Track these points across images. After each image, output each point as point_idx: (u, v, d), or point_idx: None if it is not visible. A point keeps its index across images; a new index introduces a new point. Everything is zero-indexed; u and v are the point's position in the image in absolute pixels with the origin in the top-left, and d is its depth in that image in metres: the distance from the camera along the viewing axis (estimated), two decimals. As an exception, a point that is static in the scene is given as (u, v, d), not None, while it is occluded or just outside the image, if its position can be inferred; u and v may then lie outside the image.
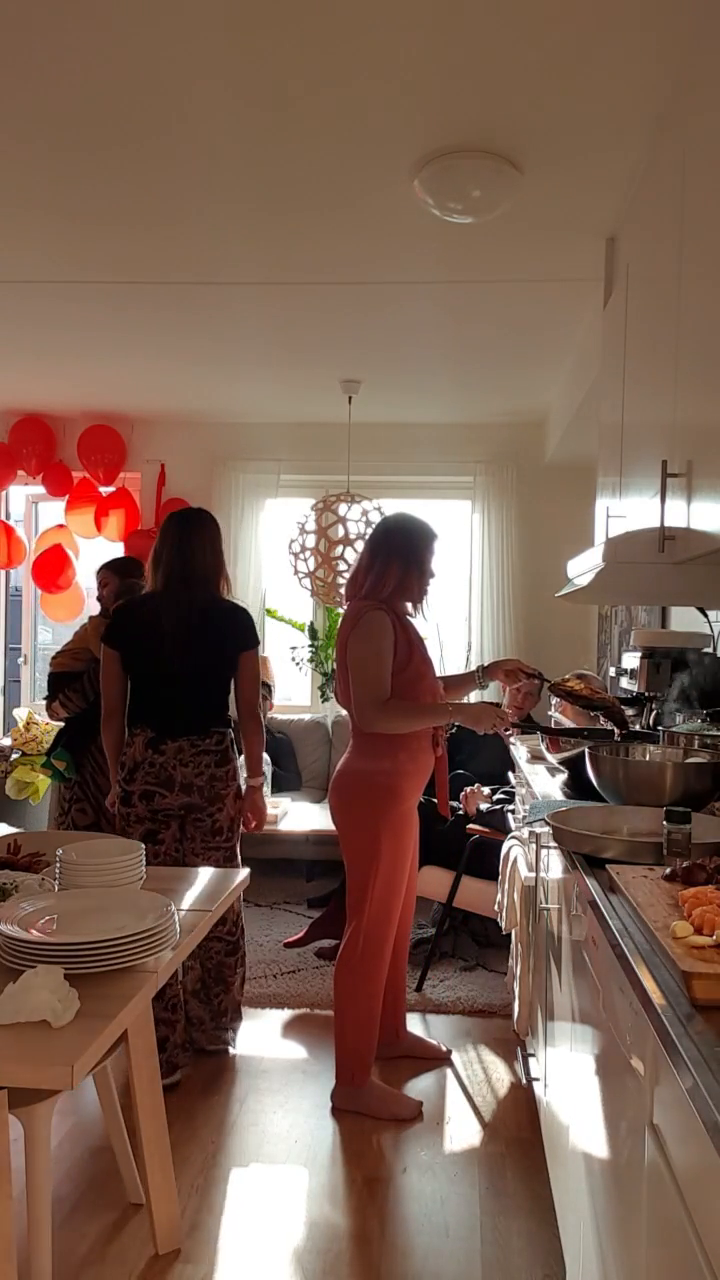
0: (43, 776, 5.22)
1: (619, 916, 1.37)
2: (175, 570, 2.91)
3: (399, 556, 2.78)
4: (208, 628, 2.88)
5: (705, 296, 1.74)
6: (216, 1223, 2.26)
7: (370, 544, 2.84)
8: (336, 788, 2.81)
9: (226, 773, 2.89)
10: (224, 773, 2.89)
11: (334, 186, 2.70)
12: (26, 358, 4.55)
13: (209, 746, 2.86)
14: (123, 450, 5.62)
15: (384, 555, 2.78)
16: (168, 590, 2.90)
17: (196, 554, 2.92)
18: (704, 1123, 0.84)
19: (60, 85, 2.23)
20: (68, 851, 1.95)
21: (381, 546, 2.80)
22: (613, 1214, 1.40)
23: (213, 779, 2.86)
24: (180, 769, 2.83)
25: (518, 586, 5.53)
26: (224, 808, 2.89)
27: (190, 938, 1.80)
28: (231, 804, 2.92)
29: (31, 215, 2.94)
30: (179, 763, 2.83)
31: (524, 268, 3.25)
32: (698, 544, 1.74)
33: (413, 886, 3.13)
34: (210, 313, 3.81)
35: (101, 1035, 1.38)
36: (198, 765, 2.84)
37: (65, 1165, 2.47)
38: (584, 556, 2.54)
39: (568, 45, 2.03)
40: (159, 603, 2.91)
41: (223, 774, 2.88)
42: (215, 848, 2.91)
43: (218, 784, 2.87)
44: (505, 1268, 2.12)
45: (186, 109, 2.32)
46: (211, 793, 2.86)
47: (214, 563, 2.97)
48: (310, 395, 5.02)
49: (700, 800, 1.95)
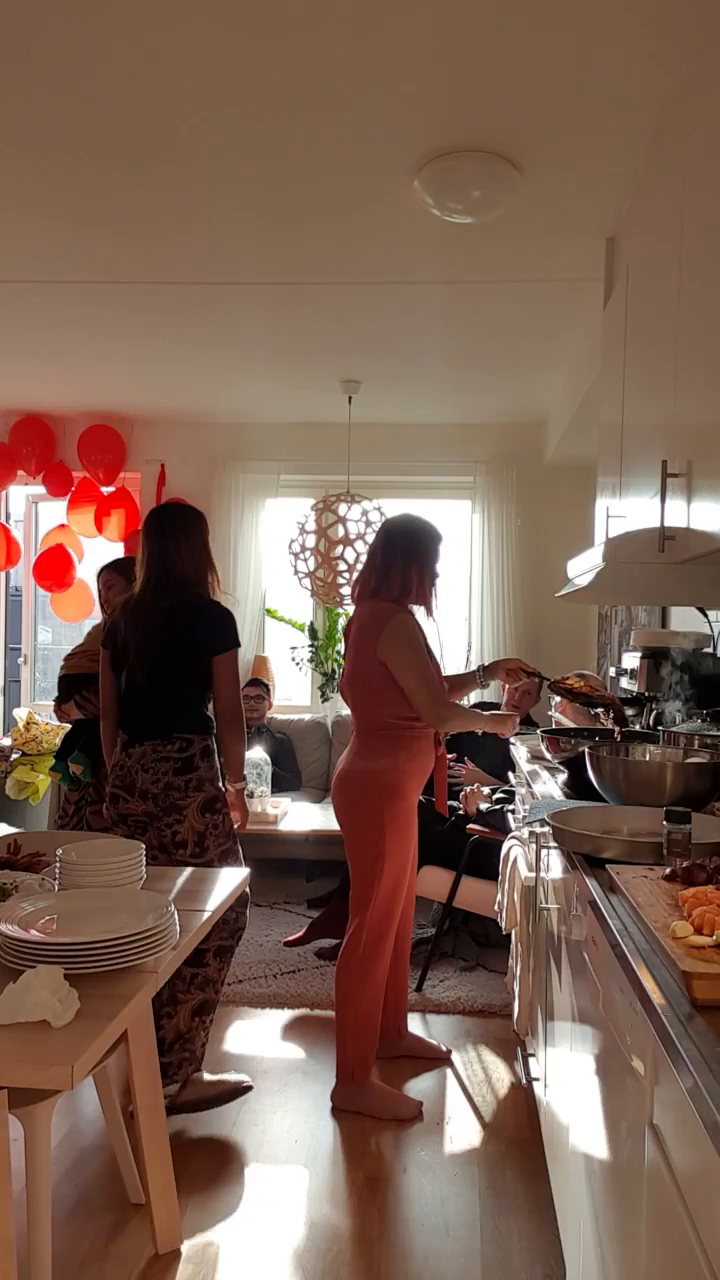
0: (43, 777, 5.22)
1: (619, 916, 1.37)
2: (152, 571, 2.80)
3: (409, 559, 2.81)
4: (177, 629, 2.74)
5: (705, 296, 1.74)
6: (216, 1223, 2.26)
7: (379, 545, 2.85)
8: (340, 787, 2.82)
9: (187, 782, 2.68)
10: (183, 782, 2.68)
11: (334, 187, 2.70)
12: (26, 358, 4.55)
13: (170, 753, 2.69)
14: (123, 450, 5.63)
15: (393, 557, 2.80)
16: (142, 592, 2.81)
17: (173, 553, 2.79)
18: (704, 1123, 0.84)
19: (61, 89, 2.23)
20: (68, 851, 1.95)
21: (390, 548, 2.82)
22: (613, 1214, 1.40)
23: (169, 788, 2.68)
24: (141, 774, 2.70)
25: (518, 586, 5.53)
26: (183, 819, 2.68)
27: (190, 938, 1.80)
28: (196, 816, 2.68)
29: (32, 216, 2.94)
30: (140, 768, 2.70)
31: (524, 268, 3.25)
32: (698, 544, 1.74)
33: (412, 886, 3.13)
34: (210, 313, 3.81)
35: (101, 1035, 1.38)
36: (156, 772, 2.69)
37: (65, 1165, 2.47)
38: (584, 556, 2.54)
39: (568, 46, 2.03)
40: (133, 605, 2.82)
41: (181, 783, 2.68)
42: (178, 861, 2.68)
43: (174, 794, 2.68)
44: (505, 1268, 2.12)
45: (187, 112, 2.32)
46: (166, 802, 2.68)
47: (195, 561, 2.82)
48: (310, 395, 5.02)
49: (700, 800, 1.95)
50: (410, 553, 2.81)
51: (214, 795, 2.72)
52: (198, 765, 2.70)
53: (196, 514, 2.90)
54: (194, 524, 2.86)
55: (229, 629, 2.78)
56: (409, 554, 2.81)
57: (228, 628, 2.78)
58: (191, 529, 2.84)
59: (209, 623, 2.75)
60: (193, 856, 2.67)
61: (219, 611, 2.79)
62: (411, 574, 2.80)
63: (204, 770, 2.71)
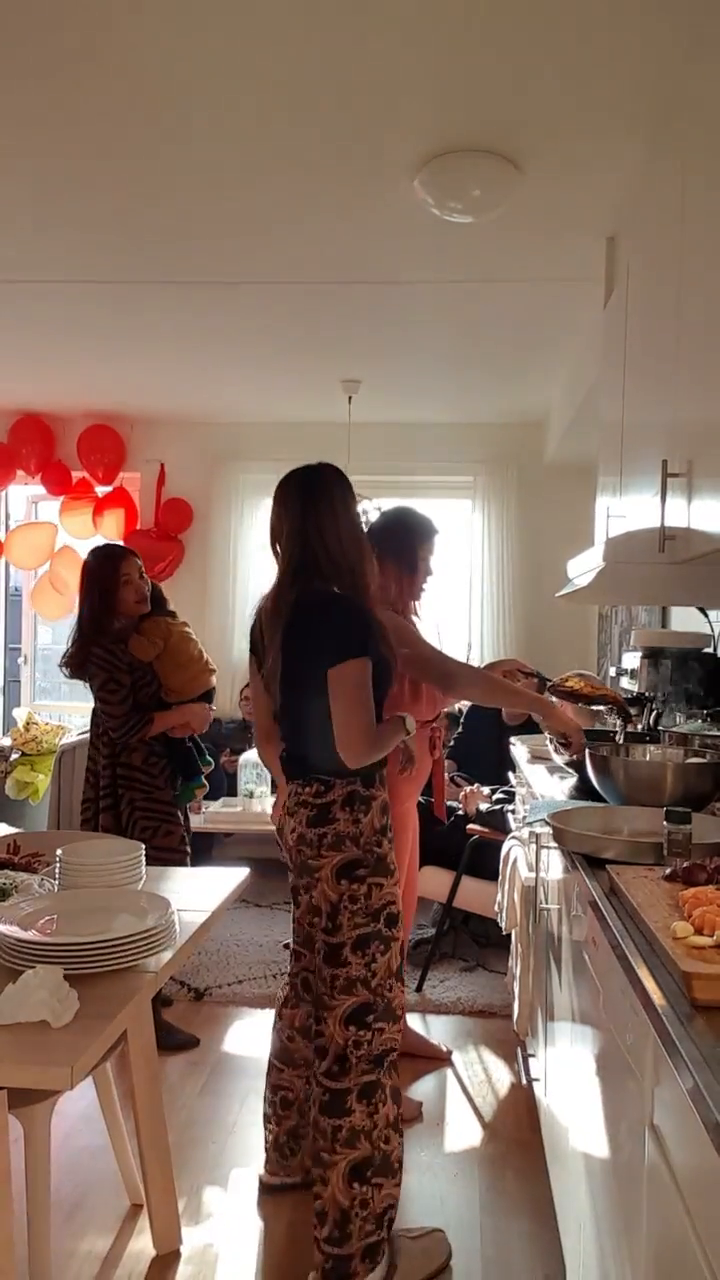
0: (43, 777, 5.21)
1: (619, 917, 1.37)
2: (294, 556, 2.15)
3: (387, 556, 2.72)
4: (297, 634, 2.09)
5: (705, 296, 1.73)
6: (216, 1223, 2.26)
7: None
8: None
9: (320, 837, 2.05)
10: (316, 836, 2.06)
11: (334, 186, 2.70)
12: (26, 358, 4.55)
13: (307, 797, 2.09)
14: (122, 450, 5.63)
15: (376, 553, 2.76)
16: (278, 583, 2.18)
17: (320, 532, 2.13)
18: (704, 1123, 0.84)
19: (60, 89, 2.23)
20: (68, 851, 1.95)
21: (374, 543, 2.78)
22: (613, 1214, 1.40)
23: (301, 841, 2.09)
24: (287, 819, 2.16)
25: (518, 586, 5.52)
26: (316, 884, 2.06)
27: (190, 938, 1.80)
28: (331, 883, 2.04)
29: (32, 216, 2.94)
30: (287, 811, 2.16)
31: (524, 268, 3.24)
32: (698, 544, 1.74)
33: (413, 887, 3.13)
34: (210, 313, 3.81)
35: (101, 1035, 1.38)
36: (294, 820, 2.12)
37: (65, 1165, 2.47)
38: (584, 556, 2.54)
39: (568, 45, 2.03)
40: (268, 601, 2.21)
41: (314, 837, 2.06)
42: (315, 933, 2.07)
43: (305, 850, 2.08)
44: (505, 1268, 2.12)
45: (187, 112, 2.32)
46: (298, 860, 2.11)
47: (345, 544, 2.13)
48: (310, 395, 5.02)
49: (700, 800, 1.95)
50: (391, 550, 2.75)
51: (355, 858, 2.06)
52: (335, 817, 2.06)
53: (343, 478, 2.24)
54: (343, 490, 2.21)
55: (347, 628, 2.04)
56: (390, 551, 2.73)
57: (346, 626, 2.04)
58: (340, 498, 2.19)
59: (324, 622, 2.07)
60: (324, 932, 2.05)
61: (338, 604, 2.08)
62: (389, 573, 2.73)
63: (345, 824, 2.06)
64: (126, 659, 3.03)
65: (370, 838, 2.07)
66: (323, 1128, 2.00)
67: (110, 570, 3.04)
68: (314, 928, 2.08)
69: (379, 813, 2.10)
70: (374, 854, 2.08)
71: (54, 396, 5.28)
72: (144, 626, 3.10)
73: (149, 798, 3.05)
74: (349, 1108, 2.00)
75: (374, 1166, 1.98)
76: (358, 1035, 2.01)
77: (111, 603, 3.04)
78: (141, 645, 3.06)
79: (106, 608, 3.04)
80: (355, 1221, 1.94)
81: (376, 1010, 2.03)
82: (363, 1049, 2.02)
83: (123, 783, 3.05)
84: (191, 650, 3.15)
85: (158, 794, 3.06)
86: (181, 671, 3.10)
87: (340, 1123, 1.99)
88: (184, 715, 3.12)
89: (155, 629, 3.10)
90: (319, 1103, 2.02)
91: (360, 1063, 2.01)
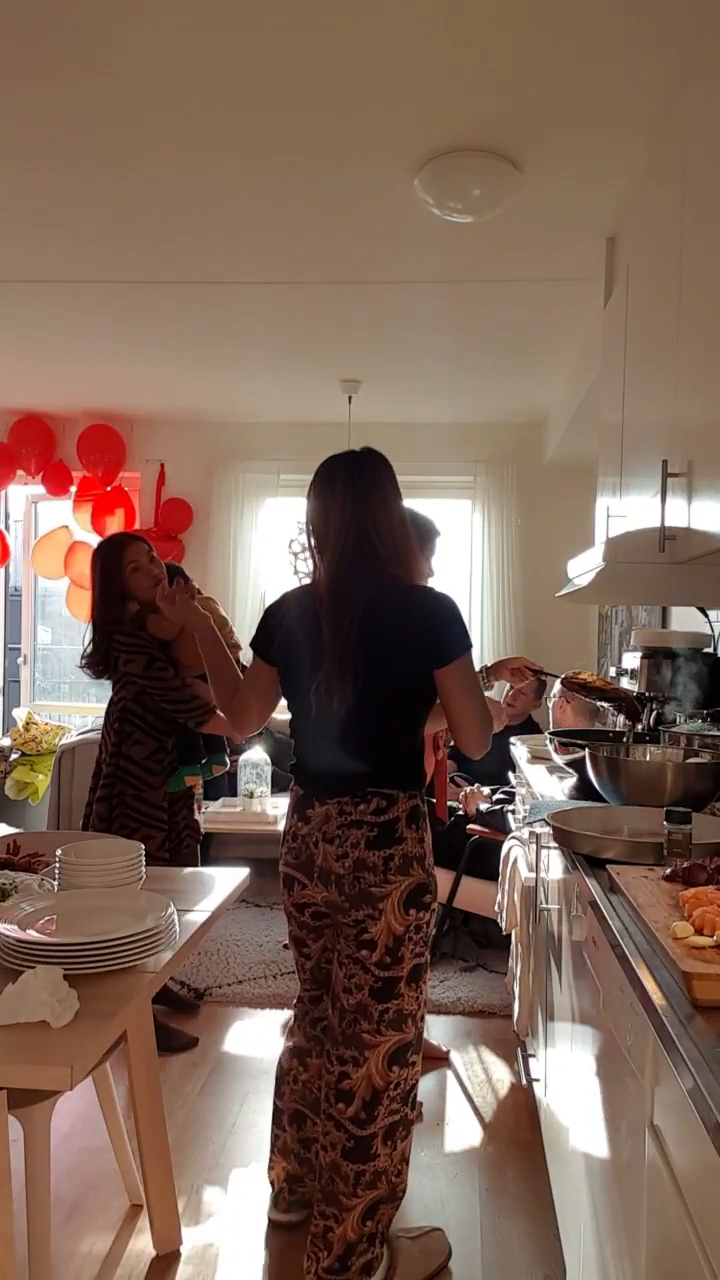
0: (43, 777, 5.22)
1: (619, 917, 1.37)
2: (346, 546, 1.93)
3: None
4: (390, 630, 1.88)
5: (705, 296, 1.73)
6: (216, 1223, 2.26)
7: None
8: None
9: (387, 861, 1.86)
10: (381, 860, 1.87)
11: (334, 186, 2.70)
12: (26, 358, 4.55)
13: (362, 815, 1.88)
14: (122, 450, 5.63)
15: None
16: (333, 570, 1.94)
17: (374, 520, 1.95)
18: (704, 1123, 0.84)
19: (60, 89, 2.23)
20: (68, 851, 1.95)
21: None
22: (613, 1214, 1.40)
23: (359, 866, 1.87)
24: (323, 846, 1.91)
25: (518, 586, 5.53)
26: (378, 916, 1.87)
27: (190, 938, 1.80)
28: (396, 912, 1.86)
29: (32, 216, 2.94)
30: (322, 837, 1.92)
31: (524, 267, 3.24)
32: (698, 544, 1.74)
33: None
34: (210, 313, 3.81)
35: (101, 1036, 1.38)
36: (344, 843, 1.88)
37: (65, 1165, 2.47)
38: (584, 556, 2.54)
39: (568, 45, 2.03)
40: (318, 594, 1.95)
41: (378, 861, 1.86)
42: (364, 969, 1.89)
43: (366, 876, 1.87)
44: (505, 1268, 2.12)
45: (187, 111, 2.32)
46: (357, 890, 1.88)
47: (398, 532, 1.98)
48: (310, 395, 5.02)
49: (700, 800, 1.95)
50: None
51: (423, 883, 1.90)
52: (403, 835, 1.89)
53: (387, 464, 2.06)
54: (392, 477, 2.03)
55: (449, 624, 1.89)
56: None
57: (448, 622, 1.89)
58: (392, 483, 2.02)
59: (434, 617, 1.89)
60: (378, 966, 1.88)
61: (442, 601, 1.92)
62: None
63: (411, 844, 1.89)
64: (153, 640, 3.00)
65: (430, 859, 1.93)
66: (344, 1173, 1.89)
67: (115, 559, 3.01)
68: (356, 964, 1.88)
69: (428, 830, 1.97)
70: (433, 876, 1.94)
71: (54, 396, 5.28)
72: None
73: (139, 796, 3.01)
74: (374, 1152, 1.90)
75: (383, 1200, 1.93)
76: (399, 1075, 1.91)
77: (122, 591, 3.01)
78: (160, 624, 3.01)
79: (117, 597, 3.01)
80: (357, 1252, 1.91)
81: (415, 1044, 1.94)
82: (399, 1088, 1.91)
83: (121, 775, 3.02)
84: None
85: (148, 794, 3.01)
86: (190, 644, 3.01)
87: (364, 1168, 1.89)
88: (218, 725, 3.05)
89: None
90: (341, 1147, 1.90)
91: (392, 1103, 1.91)
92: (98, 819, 3.03)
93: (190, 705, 2.98)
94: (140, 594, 3.02)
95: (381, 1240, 1.96)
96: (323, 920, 2.00)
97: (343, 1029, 1.91)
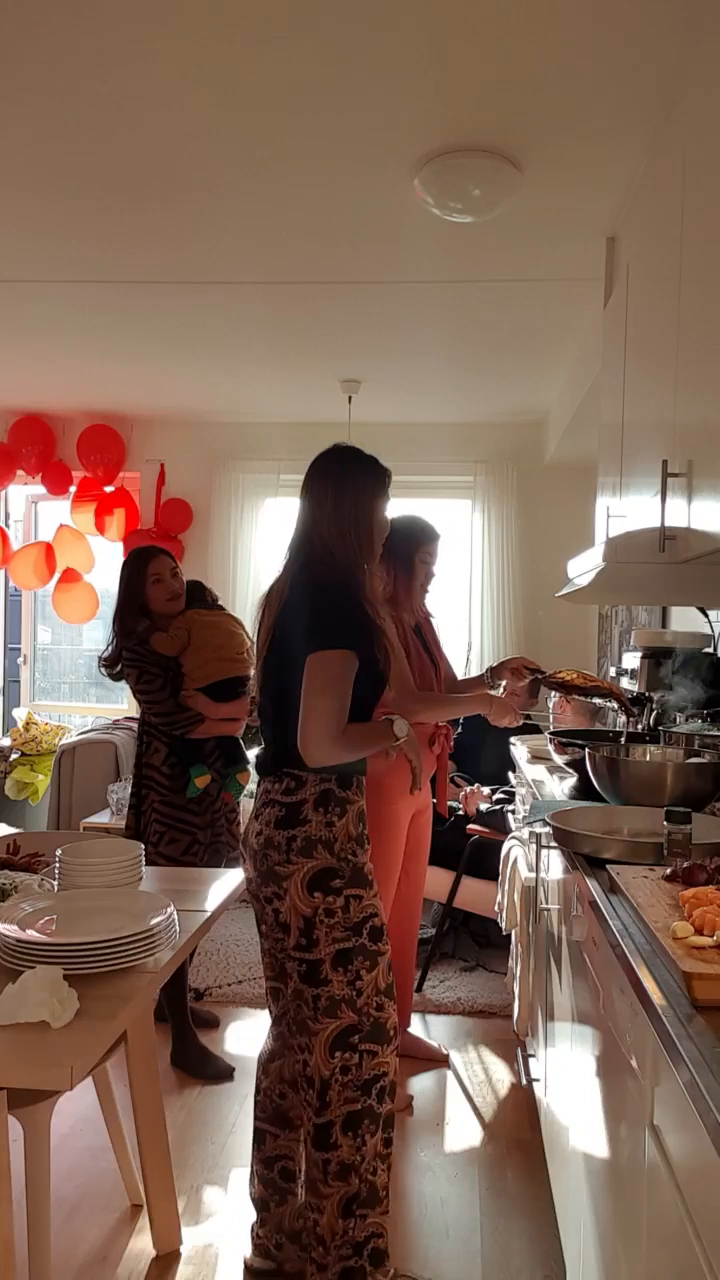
0: (42, 777, 5.22)
1: (619, 917, 1.37)
2: (292, 543, 2.08)
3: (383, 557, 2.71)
4: (286, 618, 1.98)
5: (705, 296, 1.73)
6: (217, 1223, 2.26)
7: None
8: None
9: (289, 840, 1.87)
10: (284, 839, 1.87)
11: (334, 186, 2.70)
12: (26, 358, 4.55)
13: (276, 795, 1.92)
14: (122, 450, 5.63)
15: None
16: (279, 574, 2.10)
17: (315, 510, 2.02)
18: (704, 1123, 0.84)
19: (59, 89, 2.23)
20: (68, 851, 1.95)
21: None
22: (613, 1214, 1.40)
23: (267, 844, 1.89)
24: (251, 822, 1.99)
25: (518, 586, 5.53)
26: (284, 895, 1.86)
27: (190, 938, 1.80)
28: (300, 895, 1.85)
29: (32, 216, 2.94)
30: (254, 815, 1.99)
31: (524, 268, 3.24)
32: (698, 544, 1.74)
33: (419, 887, 3.13)
34: (210, 313, 3.81)
35: (101, 1036, 1.38)
36: (260, 820, 1.94)
37: (65, 1165, 2.47)
38: (584, 556, 2.54)
39: (567, 45, 2.03)
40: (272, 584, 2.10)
41: (282, 840, 1.87)
42: (286, 954, 1.89)
43: (272, 855, 1.88)
44: (505, 1268, 2.12)
45: (187, 112, 2.32)
46: (265, 867, 1.90)
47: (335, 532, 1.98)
48: (310, 395, 5.02)
49: (700, 800, 1.95)
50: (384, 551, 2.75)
51: (329, 867, 1.87)
52: (307, 817, 1.88)
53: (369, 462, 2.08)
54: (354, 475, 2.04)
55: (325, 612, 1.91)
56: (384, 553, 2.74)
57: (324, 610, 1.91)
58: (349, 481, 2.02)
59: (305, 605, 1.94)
60: (298, 949, 1.86)
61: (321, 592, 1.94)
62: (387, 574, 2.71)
63: (316, 826, 1.88)
64: (153, 655, 3.06)
65: (345, 845, 1.88)
66: (315, 1160, 1.89)
67: (138, 571, 3.10)
68: (282, 947, 1.89)
69: (354, 819, 1.92)
70: (349, 863, 1.88)
71: (54, 396, 5.28)
72: (173, 621, 3.12)
73: (164, 800, 3.06)
74: (334, 1141, 1.86)
75: (360, 1200, 1.87)
76: (344, 1060, 1.86)
77: (140, 602, 3.09)
78: (162, 640, 3.07)
79: (137, 607, 3.09)
80: (334, 1247, 1.87)
81: (363, 1030, 1.87)
82: (349, 1074, 1.86)
83: (146, 783, 3.10)
84: (211, 638, 3.12)
85: (173, 797, 3.05)
86: (194, 656, 3.08)
87: (328, 1156, 1.87)
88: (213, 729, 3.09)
89: (180, 623, 3.11)
90: (308, 1133, 1.91)
91: (345, 1090, 1.86)
92: (127, 829, 3.11)
93: (174, 717, 3.03)
94: (156, 606, 3.10)
95: (369, 1256, 1.88)
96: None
97: (294, 1014, 1.92)
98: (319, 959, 1.86)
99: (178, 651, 3.08)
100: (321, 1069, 1.86)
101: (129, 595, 3.10)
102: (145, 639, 3.07)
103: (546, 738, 2.73)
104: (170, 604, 3.10)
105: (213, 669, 3.07)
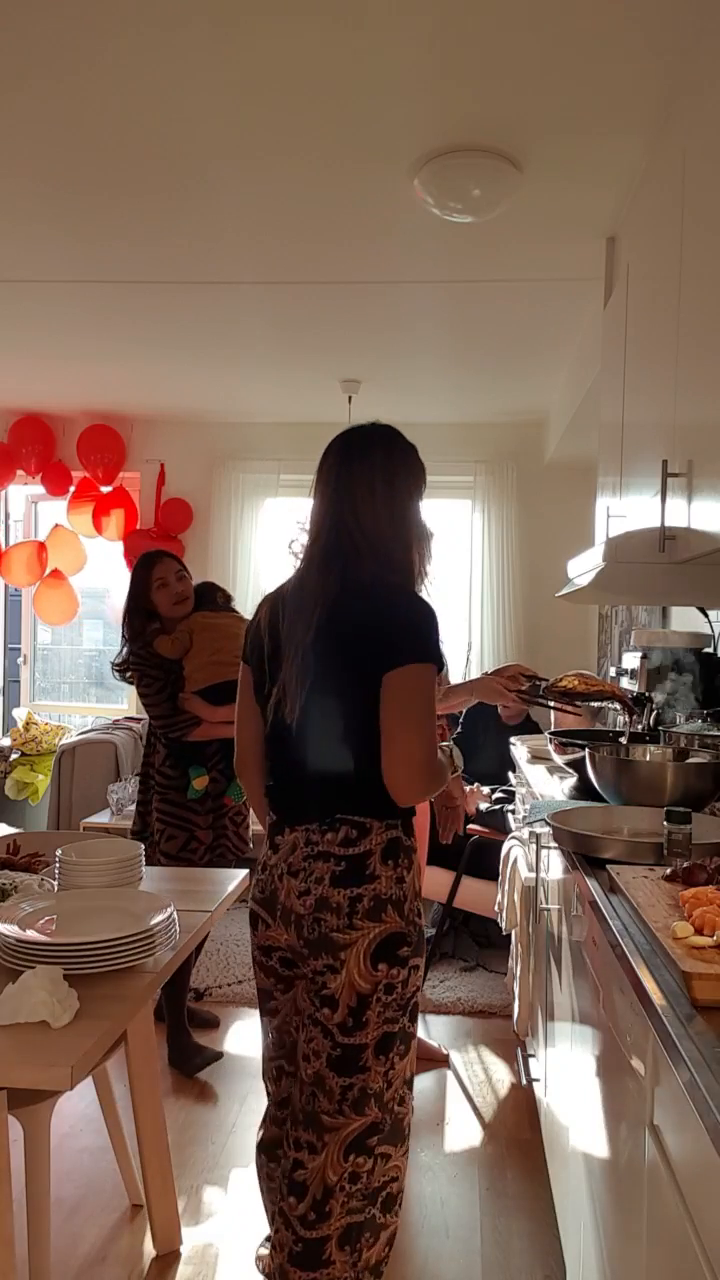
0: (42, 777, 5.22)
1: (619, 917, 1.37)
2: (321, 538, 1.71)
3: None
4: (341, 628, 1.62)
5: (705, 296, 1.73)
6: (217, 1223, 2.26)
7: None
8: None
9: (354, 902, 1.57)
10: (345, 900, 1.57)
11: (334, 186, 2.70)
12: (26, 358, 4.55)
13: (329, 846, 1.59)
14: (122, 450, 5.63)
15: None
16: (304, 568, 1.73)
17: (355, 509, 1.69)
18: (704, 1123, 0.84)
19: (59, 89, 2.23)
20: (67, 851, 1.95)
21: None
22: (613, 1214, 1.40)
23: (321, 906, 1.58)
24: (287, 880, 1.63)
25: (518, 586, 5.53)
26: (339, 968, 1.57)
27: (191, 938, 1.80)
28: (362, 967, 1.56)
29: (32, 216, 2.94)
30: (287, 869, 1.63)
31: (524, 267, 3.24)
32: (698, 544, 1.74)
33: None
34: (210, 313, 3.81)
35: (101, 1036, 1.38)
36: (308, 877, 1.60)
37: (65, 1165, 2.47)
38: (584, 556, 2.54)
39: (567, 44, 2.03)
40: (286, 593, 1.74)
41: (343, 901, 1.57)
42: (323, 1032, 1.58)
43: (328, 920, 1.57)
44: (505, 1268, 2.12)
45: (184, 112, 2.32)
46: (317, 934, 1.59)
47: (386, 524, 1.70)
48: (310, 395, 5.02)
49: (700, 800, 1.95)
50: None
51: (400, 933, 1.59)
52: (376, 873, 1.59)
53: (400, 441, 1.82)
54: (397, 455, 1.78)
55: (419, 628, 1.61)
56: None
57: (419, 626, 1.61)
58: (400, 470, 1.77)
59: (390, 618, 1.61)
60: (340, 1030, 1.57)
61: (413, 605, 1.65)
62: None
63: (386, 883, 1.59)
64: (156, 658, 3.08)
65: (413, 904, 1.61)
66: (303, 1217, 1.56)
67: (143, 576, 3.12)
68: (316, 1025, 1.58)
69: (417, 873, 1.65)
70: (416, 926, 1.61)
71: (54, 396, 5.28)
72: (179, 625, 3.13)
73: (165, 799, 3.08)
74: (327, 1258, 1.55)
75: None
76: (356, 1165, 1.57)
77: (146, 605, 3.12)
78: (165, 643, 3.09)
79: (143, 611, 3.12)
80: None
81: (383, 1130, 1.60)
82: (359, 1182, 1.57)
83: (150, 783, 3.13)
84: (211, 641, 3.11)
85: (174, 796, 3.07)
86: (193, 659, 3.09)
87: (315, 1275, 1.55)
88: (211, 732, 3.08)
89: (183, 626, 3.13)
90: (289, 1250, 1.57)
91: (350, 1200, 1.57)
92: (133, 830, 3.16)
93: (170, 720, 3.05)
94: (162, 610, 3.12)
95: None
96: (294, 969, 1.67)
97: (302, 1105, 1.60)
98: (361, 1044, 1.56)
99: (179, 654, 3.09)
100: (328, 1175, 1.57)
101: (135, 599, 3.12)
102: (150, 642, 3.10)
103: (546, 738, 2.73)
104: (177, 607, 3.11)
105: (210, 672, 3.07)
